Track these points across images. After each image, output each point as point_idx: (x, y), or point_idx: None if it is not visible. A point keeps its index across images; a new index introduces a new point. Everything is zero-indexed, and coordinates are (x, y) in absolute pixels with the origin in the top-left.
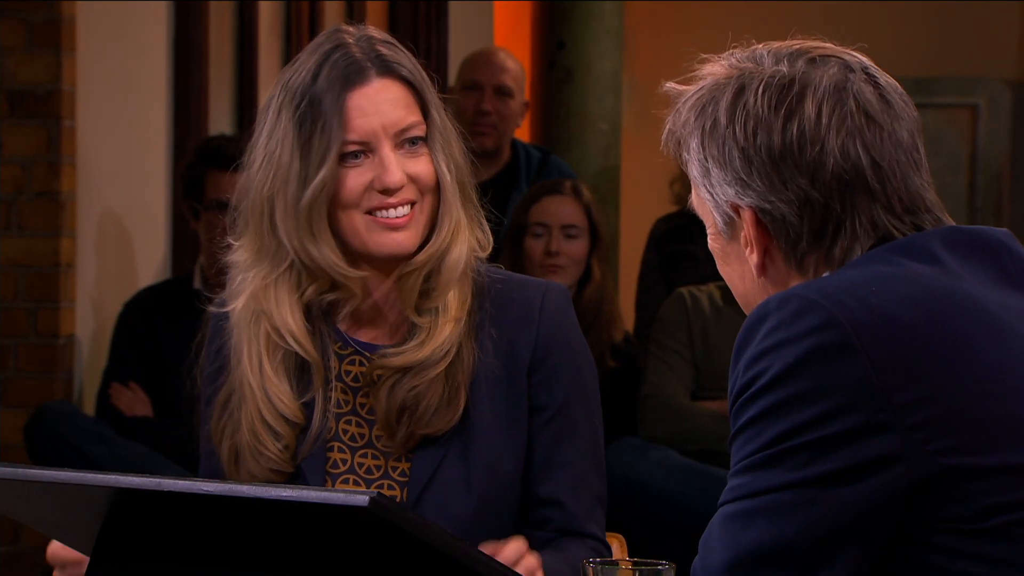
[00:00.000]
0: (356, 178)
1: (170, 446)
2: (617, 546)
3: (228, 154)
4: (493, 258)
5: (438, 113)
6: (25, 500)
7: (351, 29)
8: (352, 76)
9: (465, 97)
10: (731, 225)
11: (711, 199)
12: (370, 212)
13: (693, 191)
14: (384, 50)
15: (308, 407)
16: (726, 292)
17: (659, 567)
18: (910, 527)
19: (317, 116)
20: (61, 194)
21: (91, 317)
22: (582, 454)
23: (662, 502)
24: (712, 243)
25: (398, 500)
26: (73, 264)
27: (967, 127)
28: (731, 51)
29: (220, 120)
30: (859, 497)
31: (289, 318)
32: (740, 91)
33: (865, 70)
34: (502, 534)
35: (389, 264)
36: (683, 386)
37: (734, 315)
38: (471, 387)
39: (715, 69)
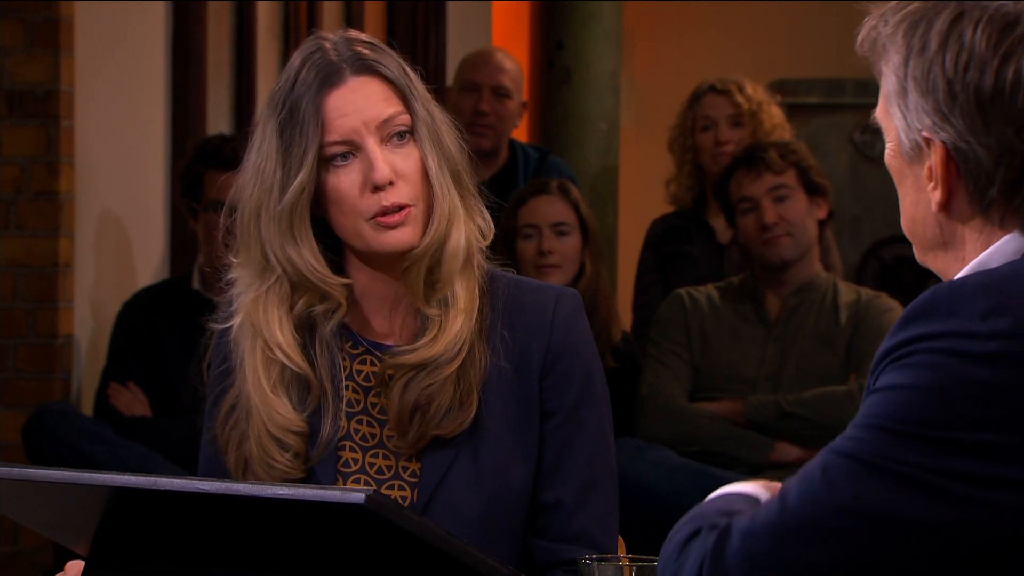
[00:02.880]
0: (347, 178)
1: (169, 446)
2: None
3: (227, 154)
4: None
5: (423, 106)
6: (24, 500)
7: (329, 35)
8: (328, 78)
9: (463, 98)
10: (917, 152)
11: (902, 121)
12: (370, 218)
13: (881, 102)
14: (362, 49)
15: (315, 415)
16: (724, 292)
17: (655, 563)
18: None
19: (296, 122)
20: (60, 194)
21: (90, 317)
22: (590, 460)
23: (661, 502)
24: (890, 160)
25: (408, 501)
26: (72, 264)
27: None
28: None
29: (218, 120)
30: (991, 504)
31: (278, 332)
32: (958, 18)
33: None
34: (511, 537)
35: (394, 262)
36: (681, 387)
37: (732, 316)
38: (483, 390)
39: None
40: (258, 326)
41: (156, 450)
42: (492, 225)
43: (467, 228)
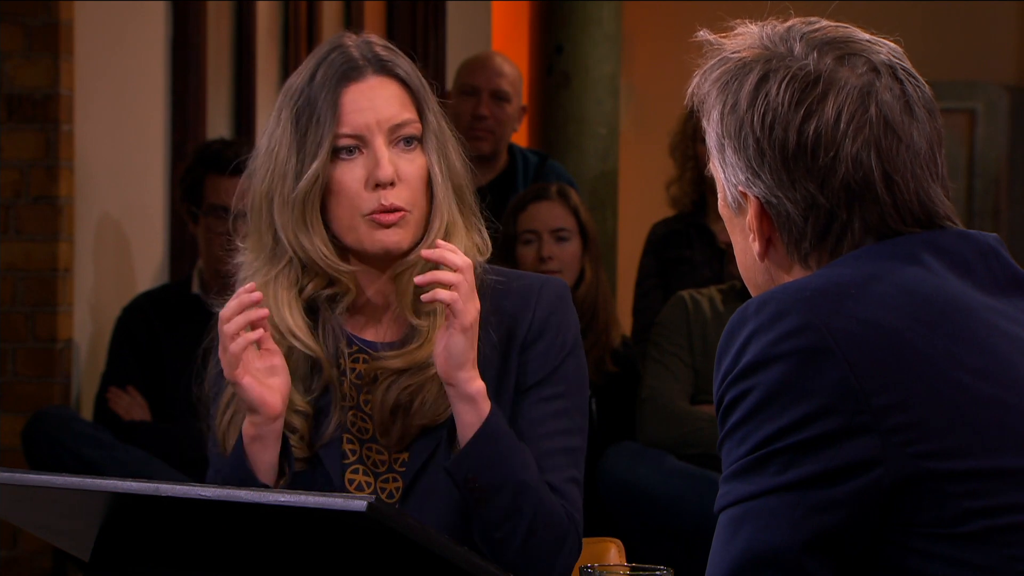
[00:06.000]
0: (349, 172)
1: (168, 450)
2: (615, 551)
3: (227, 158)
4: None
5: (435, 117)
6: (23, 505)
7: (352, 35)
8: (348, 73)
9: (462, 102)
10: (738, 204)
11: (723, 175)
12: (366, 214)
13: (710, 155)
14: (382, 52)
15: (323, 396)
16: (727, 295)
17: (657, 572)
18: (888, 529)
19: (313, 111)
20: (59, 198)
21: (89, 321)
22: (550, 434)
23: (660, 506)
24: (721, 209)
25: (399, 487)
26: (71, 268)
27: (965, 132)
28: (769, 20)
29: (218, 123)
30: (841, 500)
31: (288, 315)
32: (764, 79)
33: (894, 72)
34: None
35: (382, 262)
36: (682, 390)
37: None
38: None
39: (748, 41)
40: (268, 310)
41: (155, 454)
42: (489, 244)
43: (465, 244)
